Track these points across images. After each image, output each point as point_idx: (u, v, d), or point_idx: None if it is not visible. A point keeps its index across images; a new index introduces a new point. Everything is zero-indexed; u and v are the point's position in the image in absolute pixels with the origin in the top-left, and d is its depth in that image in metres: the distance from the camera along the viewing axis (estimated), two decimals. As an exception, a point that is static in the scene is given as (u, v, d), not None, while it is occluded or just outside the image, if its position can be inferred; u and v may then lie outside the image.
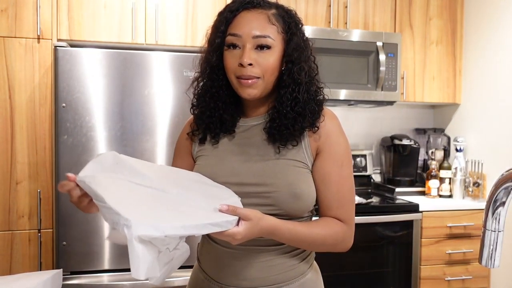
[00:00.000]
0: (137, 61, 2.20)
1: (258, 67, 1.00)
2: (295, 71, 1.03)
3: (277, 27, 1.03)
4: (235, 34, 1.02)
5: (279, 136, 1.03)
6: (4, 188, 2.25)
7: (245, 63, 0.99)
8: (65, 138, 2.14)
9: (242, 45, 1.01)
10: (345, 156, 1.06)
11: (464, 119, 2.99)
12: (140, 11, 2.38)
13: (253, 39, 1.01)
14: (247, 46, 1.00)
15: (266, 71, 1.01)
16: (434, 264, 2.57)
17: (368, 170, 3.02)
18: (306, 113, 1.03)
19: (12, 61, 2.25)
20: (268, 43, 1.01)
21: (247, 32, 1.01)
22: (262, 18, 1.02)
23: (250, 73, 1.00)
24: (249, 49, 1.00)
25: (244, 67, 0.99)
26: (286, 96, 1.03)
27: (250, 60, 1.00)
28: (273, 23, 1.03)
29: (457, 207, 2.61)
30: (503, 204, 0.69)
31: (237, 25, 1.03)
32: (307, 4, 2.66)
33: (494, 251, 0.70)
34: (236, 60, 1.01)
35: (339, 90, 2.64)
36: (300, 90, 1.03)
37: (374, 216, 2.46)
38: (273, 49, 1.02)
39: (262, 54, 1.01)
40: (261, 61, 1.01)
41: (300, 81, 1.03)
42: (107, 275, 2.18)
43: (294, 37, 1.04)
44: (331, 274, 2.43)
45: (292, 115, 1.02)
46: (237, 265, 1.05)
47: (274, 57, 1.02)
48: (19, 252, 2.25)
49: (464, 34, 2.95)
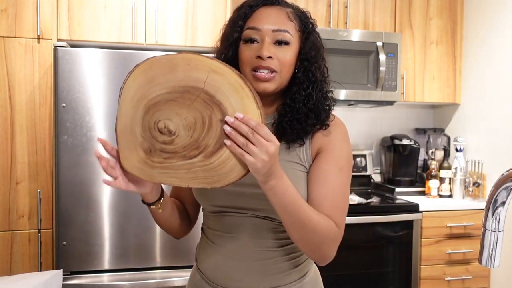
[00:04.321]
0: (137, 61, 2.18)
1: (277, 61, 0.99)
2: (311, 69, 1.03)
3: (295, 25, 1.03)
4: (255, 28, 1.01)
5: (291, 130, 1.01)
6: (4, 188, 2.25)
7: (264, 55, 0.97)
8: (65, 138, 2.14)
9: (261, 39, 1.00)
10: (345, 162, 1.03)
11: (464, 119, 2.99)
12: (140, 11, 2.38)
13: (273, 33, 1.00)
14: (267, 40, 0.99)
15: (284, 66, 1.00)
16: (434, 264, 2.57)
17: (368, 170, 3.02)
18: (319, 111, 1.02)
19: (12, 61, 2.25)
20: (287, 39, 1.00)
21: (267, 26, 1.00)
22: (281, 14, 1.02)
23: (269, 65, 0.98)
24: (269, 43, 0.99)
25: (264, 59, 0.98)
26: (299, 92, 1.02)
27: (270, 53, 0.98)
28: (291, 20, 1.03)
29: (457, 207, 2.61)
30: (503, 204, 0.69)
31: (257, 19, 1.02)
32: (307, 4, 2.66)
33: (494, 251, 0.70)
34: (254, 53, 0.99)
35: (339, 90, 2.64)
36: (314, 88, 1.03)
37: (374, 216, 2.46)
38: (291, 45, 1.01)
39: (280, 49, 1.00)
40: (279, 56, 0.99)
41: (315, 79, 1.03)
42: (107, 275, 2.18)
43: (310, 36, 1.05)
44: (331, 274, 2.43)
45: (304, 111, 1.01)
46: (233, 266, 1.04)
47: (291, 53, 1.01)
48: (19, 252, 2.25)
49: (464, 34, 2.95)
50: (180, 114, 0.83)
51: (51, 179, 2.28)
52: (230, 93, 0.81)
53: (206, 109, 0.82)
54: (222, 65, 0.81)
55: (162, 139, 0.85)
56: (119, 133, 0.88)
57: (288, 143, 1.02)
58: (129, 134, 0.87)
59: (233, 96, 0.81)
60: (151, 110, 0.84)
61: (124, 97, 0.86)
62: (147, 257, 2.23)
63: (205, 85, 0.81)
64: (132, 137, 0.87)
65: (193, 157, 0.84)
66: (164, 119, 0.84)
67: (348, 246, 2.44)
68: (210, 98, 0.81)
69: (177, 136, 0.84)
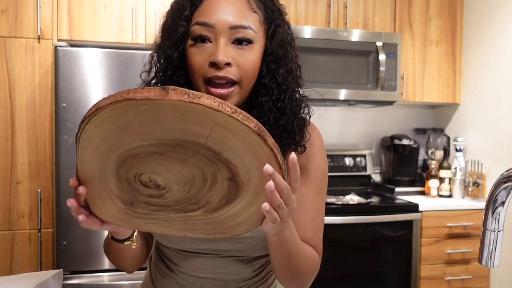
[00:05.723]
0: (137, 61, 2.20)
1: (237, 68, 0.77)
2: (280, 74, 0.81)
3: (259, 16, 0.80)
4: (205, 23, 0.77)
5: None
6: (4, 188, 2.25)
7: (221, 62, 0.75)
8: (65, 138, 2.15)
9: (214, 38, 0.77)
10: (322, 183, 0.91)
11: (464, 119, 2.99)
12: (140, 11, 2.38)
13: (230, 30, 0.77)
14: (222, 39, 0.76)
15: (246, 74, 0.78)
16: (434, 264, 2.57)
17: (368, 170, 3.03)
18: (293, 129, 0.83)
19: (13, 61, 2.25)
20: (249, 36, 0.77)
21: (222, 20, 0.76)
22: (240, 2, 0.78)
23: (226, 75, 0.76)
24: (225, 43, 0.76)
25: (220, 67, 0.76)
26: (268, 105, 0.81)
27: (227, 58, 0.76)
28: (254, 10, 0.79)
29: (456, 207, 2.61)
30: (503, 204, 0.69)
31: (208, 11, 0.77)
32: (307, 4, 2.67)
33: (494, 251, 0.70)
34: (206, 57, 0.77)
35: (339, 90, 2.64)
36: (286, 99, 0.82)
37: (374, 216, 2.46)
38: (255, 44, 0.79)
39: (241, 51, 0.78)
40: (240, 61, 0.77)
41: (287, 87, 0.82)
42: (107, 275, 2.18)
43: (278, 29, 0.82)
44: (331, 274, 2.43)
45: (277, 131, 0.81)
46: None
47: (255, 56, 0.79)
48: (19, 252, 2.25)
49: (464, 34, 2.95)
50: (171, 169, 0.62)
51: (51, 179, 2.28)
52: (243, 151, 0.59)
53: (208, 166, 0.61)
54: (233, 120, 0.56)
55: (148, 193, 0.65)
56: (83, 183, 0.65)
57: None
58: (98, 185, 0.65)
59: (247, 155, 0.60)
60: (129, 162, 0.61)
61: (83, 146, 0.61)
62: (147, 257, 2.23)
63: (208, 141, 0.58)
64: (104, 188, 0.65)
65: (191, 211, 0.67)
66: (149, 173, 0.62)
67: (348, 246, 2.45)
68: (214, 155, 0.60)
69: (168, 191, 0.64)
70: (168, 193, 0.64)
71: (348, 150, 3.02)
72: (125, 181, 0.63)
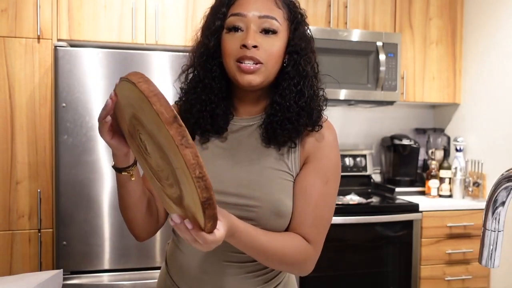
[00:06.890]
0: (137, 61, 2.20)
1: (263, 51, 0.91)
2: (301, 62, 0.95)
3: (283, 13, 0.95)
4: (239, 14, 0.93)
5: (281, 131, 0.93)
6: (4, 188, 2.25)
7: (249, 44, 0.89)
8: (65, 138, 2.14)
9: (246, 26, 0.92)
10: (332, 173, 0.97)
11: (464, 119, 2.99)
12: (140, 11, 2.38)
13: (259, 20, 0.92)
14: (252, 27, 0.91)
15: (271, 57, 0.92)
16: (434, 264, 2.57)
17: (368, 170, 3.03)
18: (311, 109, 0.95)
19: (12, 61, 2.25)
20: (274, 27, 0.93)
21: (253, 11, 0.92)
22: (268, 0, 0.94)
23: (254, 55, 0.90)
24: (254, 31, 0.91)
25: (248, 49, 0.90)
26: (290, 88, 0.94)
27: (255, 42, 0.90)
28: (279, 7, 0.95)
29: (457, 207, 2.61)
30: (503, 204, 0.69)
31: (242, 5, 0.94)
32: (307, 4, 2.66)
33: (494, 251, 0.70)
34: (238, 42, 0.92)
35: (339, 90, 2.64)
36: (306, 84, 0.95)
37: (374, 216, 2.46)
38: (279, 35, 0.93)
39: (267, 38, 0.92)
40: (266, 46, 0.92)
41: (306, 74, 0.95)
42: (107, 275, 2.18)
43: (300, 26, 0.97)
44: (331, 274, 2.43)
45: (296, 109, 0.93)
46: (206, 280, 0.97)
47: (279, 44, 0.93)
48: (19, 252, 2.25)
49: (464, 34, 2.95)
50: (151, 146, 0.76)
51: (51, 179, 2.28)
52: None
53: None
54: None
55: (141, 146, 0.80)
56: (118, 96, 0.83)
57: (278, 146, 0.96)
58: (122, 108, 0.82)
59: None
60: (134, 121, 0.78)
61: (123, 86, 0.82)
62: (147, 257, 2.23)
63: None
64: (123, 114, 0.82)
65: (159, 180, 0.80)
66: (144, 137, 0.77)
67: (348, 246, 2.45)
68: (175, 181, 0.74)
69: (150, 158, 0.78)
70: (149, 158, 0.78)
71: (348, 150, 3.02)
72: (132, 127, 0.79)
